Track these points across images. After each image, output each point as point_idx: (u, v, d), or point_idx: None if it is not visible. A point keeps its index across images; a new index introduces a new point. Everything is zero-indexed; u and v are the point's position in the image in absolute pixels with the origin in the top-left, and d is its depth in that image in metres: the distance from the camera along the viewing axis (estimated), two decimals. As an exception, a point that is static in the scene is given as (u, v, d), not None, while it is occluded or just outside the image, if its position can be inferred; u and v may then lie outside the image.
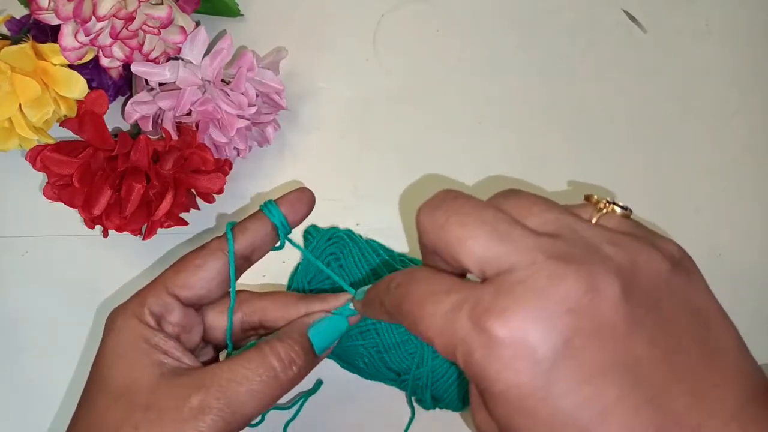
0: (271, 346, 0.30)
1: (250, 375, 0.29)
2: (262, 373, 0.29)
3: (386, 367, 0.39)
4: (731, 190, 0.47)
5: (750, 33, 0.50)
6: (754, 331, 0.46)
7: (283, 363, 0.29)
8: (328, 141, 0.47)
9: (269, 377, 0.29)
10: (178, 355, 0.30)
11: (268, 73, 0.40)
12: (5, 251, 0.44)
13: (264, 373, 0.29)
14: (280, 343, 0.30)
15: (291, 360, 0.30)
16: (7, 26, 0.40)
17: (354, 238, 0.42)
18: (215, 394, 0.28)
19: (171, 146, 0.39)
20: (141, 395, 0.28)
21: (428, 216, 0.24)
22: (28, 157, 0.38)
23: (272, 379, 0.29)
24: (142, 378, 0.28)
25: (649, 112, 0.48)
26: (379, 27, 0.49)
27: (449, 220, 0.22)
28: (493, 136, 0.47)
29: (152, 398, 0.28)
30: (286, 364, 0.29)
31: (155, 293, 0.31)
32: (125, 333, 0.30)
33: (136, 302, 0.31)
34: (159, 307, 0.31)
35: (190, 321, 0.32)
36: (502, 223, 0.21)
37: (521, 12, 0.50)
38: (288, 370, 0.29)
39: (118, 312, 0.31)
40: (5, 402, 0.42)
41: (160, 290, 0.31)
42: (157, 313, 0.31)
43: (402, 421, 0.40)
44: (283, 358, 0.30)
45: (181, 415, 0.27)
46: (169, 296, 0.31)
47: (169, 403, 0.28)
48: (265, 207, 0.33)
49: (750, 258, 0.46)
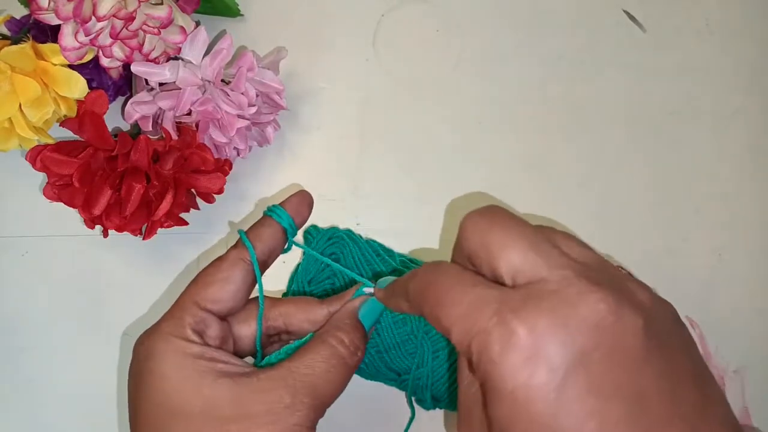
0: (335, 336, 0.31)
1: (325, 366, 0.30)
2: (335, 362, 0.30)
3: (386, 367, 0.39)
4: (731, 190, 0.47)
5: (750, 33, 0.50)
6: (755, 330, 0.46)
7: (349, 349, 0.31)
8: (328, 141, 0.47)
9: (340, 364, 0.30)
10: (234, 362, 0.30)
11: (268, 73, 0.40)
12: (5, 251, 0.44)
13: (336, 362, 0.30)
14: (342, 332, 0.31)
15: (356, 345, 0.31)
16: (7, 26, 0.40)
17: (354, 238, 0.42)
18: (303, 390, 0.28)
19: (171, 146, 0.39)
20: (224, 408, 0.28)
21: (474, 221, 0.25)
22: (28, 157, 0.38)
23: (343, 366, 0.30)
24: (216, 393, 0.28)
25: (649, 112, 0.48)
26: (379, 27, 0.49)
27: (494, 228, 0.24)
28: (493, 136, 0.47)
29: (239, 407, 0.28)
30: (352, 350, 0.31)
31: (191, 311, 0.31)
32: (173, 356, 0.29)
33: (172, 323, 0.30)
34: (199, 324, 0.31)
35: (226, 333, 0.32)
36: (542, 242, 0.23)
37: (521, 12, 0.50)
38: (354, 356, 0.31)
39: (154, 337, 0.30)
40: (5, 402, 0.42)
41: (194, 307, 0.31)
42: (199, 330, 0.31)
43: (402, 421, 0.40)
44: (348, 344, 0.31)
45: (278, 416, 0.28)
46: (204, 311, 0.31)
47: (260, 407, 0.28)
48: (273, 212, 0.34)
49: (750, 258, 0.46)
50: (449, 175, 0.46)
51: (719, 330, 0.45)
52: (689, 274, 0.46)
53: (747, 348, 0.45)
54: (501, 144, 0.47)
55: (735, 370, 0.44)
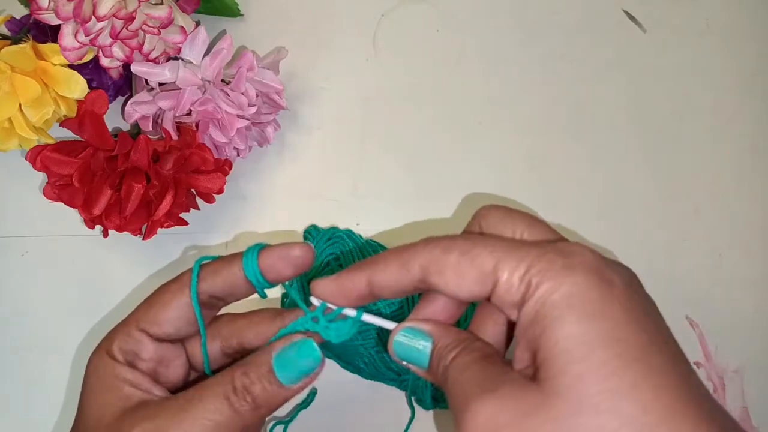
0: (227, 374, 0.28)
1: (201, 405, 0.27)
2: (215, 403, 0.27)
3: (386, 367, 0.39)
4: (731, 190, 0.47)
5: (750, 33, 0.50)
6: (755, 330, 0.46)
7: (236, 393, 0.27)
8: (328, 141, 0.47)
9: (223, 407, 0.27)
10: (147, 387, 0.29)
11: (268, 73, 0.40)
12: (5, 251, 0.44)
13: (216, 403, 0.27)
14: (238, 370, 0.28)
15: (245, 389, 0.27)
16: (7, 26, 0.40)
17: (354, 238, 0.42)
18: (160, 425, 0.26)
19: (171, 146, 0.39)
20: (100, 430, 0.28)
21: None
22: (28, 157, 0.38)
23: (227, 409, 0.27)
24: (106, 413, 0.28)
25: (649, 111, 0.48)
26: (379, 27, 0.49)
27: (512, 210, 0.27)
28: (493, 136, 0.47)
29: None
30: (240, 394, 0.27)
31: (125, 330, 0.30)
32: (99, 370, 0.29)
33: (107, 340, 0.30)
34: (128, 344, 0.30)
35: (167, 354, 0.31)
36: None
37: (521, 12, 0.50)
38: (242, 401, 0.27)
39: (94, 350, 0.30)
40: (5, 402, 0.42)
41: (131, 327, 0.30)
42: (128, 350, 0.30)
43: (402, 421, 0.40)
44: (237, 387, 0.27)
45: None
46: (139, 332, 0.30)
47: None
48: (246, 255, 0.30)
49: (750, 258, 0.46)
50: (449, 175, 0.46)
51: (719, 330, 0.45)
52: (689, 274, 0.46)
53: (747, 348, 0.45)
54: (501, 144, 0.47)
55: (735, 370, 0.44)
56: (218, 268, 0.30)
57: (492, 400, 0.22)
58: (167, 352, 0.31)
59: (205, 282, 0.30)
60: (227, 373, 0.28)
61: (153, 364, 0.30)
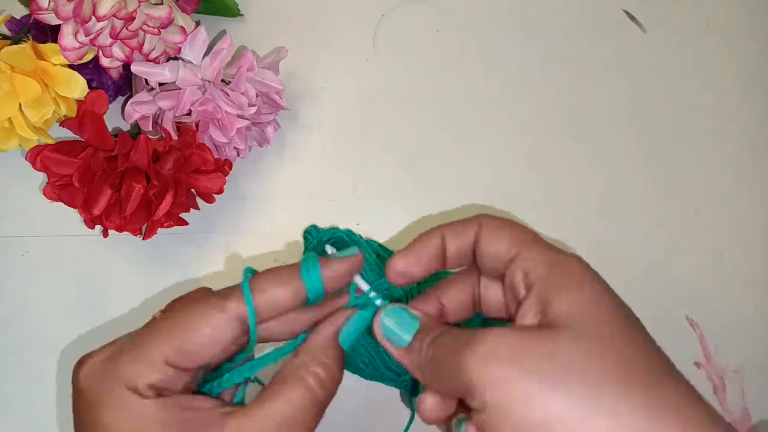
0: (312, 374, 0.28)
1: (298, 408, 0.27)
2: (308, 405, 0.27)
3: (386, 367, 0.39)
4: (731, 190, 0.47)
5: (750, 33, 0.50)
6: (755, 330, 0.46)
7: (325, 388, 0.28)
8: (328, 141, 0.47)
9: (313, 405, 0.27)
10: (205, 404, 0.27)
11: (268, 73, 0.40)
12: (5, 251, 0.44)
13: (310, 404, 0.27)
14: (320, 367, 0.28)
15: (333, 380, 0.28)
16: (7, 26, 0.40)
17: (354, 238, 0.42)
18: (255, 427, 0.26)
19: (171, 146, 0.39)
20: None
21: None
22: (28, 157, 0.38)
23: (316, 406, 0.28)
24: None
25: (649, 112, 0.48)
26: (379, 27, 0.49)
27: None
28: (493, 136, 0.47)
29: None
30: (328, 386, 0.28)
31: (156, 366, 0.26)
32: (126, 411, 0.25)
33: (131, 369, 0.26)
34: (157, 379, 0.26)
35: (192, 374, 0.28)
36: None
37: (521, 12, 0.50)
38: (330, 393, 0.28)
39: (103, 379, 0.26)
40: (5, 402, 0.42)
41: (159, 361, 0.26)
42: (157, 385, 0.26)
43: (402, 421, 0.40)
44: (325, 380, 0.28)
45: None
46: (171, 368, 0.26)
47: None
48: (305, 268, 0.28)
49: (750, 258, 0.46)
50: (449, 175, 0.46)
51: (719, 330, 0.45)
52: (689, 274, 0.46)
53: (747, 348, 0.45)
54: (501, 144, 0.47)
55: (735, 370, 0.44)
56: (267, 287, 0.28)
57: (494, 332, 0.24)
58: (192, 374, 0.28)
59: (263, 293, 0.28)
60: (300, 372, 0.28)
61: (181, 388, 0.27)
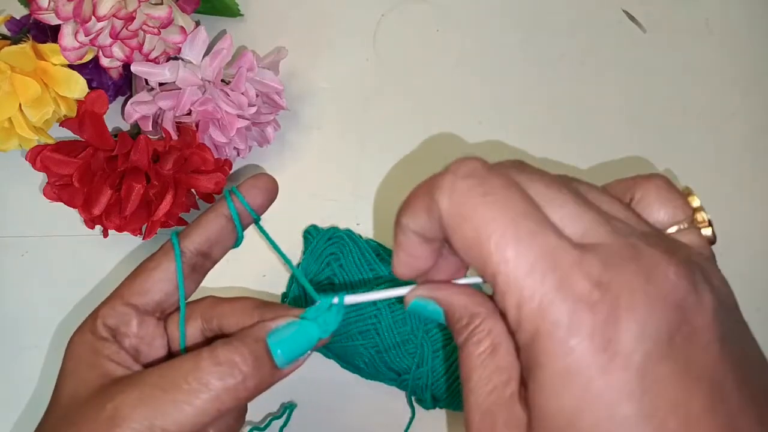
0: (212, 349, 0.25)
1: (178, 380, 0.24)
2: (193, 380, 0.24)
3: (386, 367, 0.39)
4: (731, 190, 0.47)
5: (750, 33, 0.50)
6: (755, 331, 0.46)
7: (222, 369, 0.24)
8: (328, 141, 0.47)
9: (201, 385, 0.24)
10: (129, 363, 0.27)
11: (268, 73, 0.40)
12: (5, 251, 0.44)
13: (195, 380, 0.24)
14: (223, 346, 0.25)
15: (233, 365, 0.24)
16: (7, 26, 0.40)
17: (354, 238, 0.42)
18: (132, 402, 0.24)
19: (171, 146, 0.39)
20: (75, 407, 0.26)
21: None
22: (28, 157, 0.38)
23: (204, 388, 0.24)
24: (84, 390, 0.26)
25: (649, 112, 0.48)
26: (379, 27, 0.49)
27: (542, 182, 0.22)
28: (493, 136, 0.47)
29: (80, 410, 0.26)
30: (226, 370, 0.24)
31: (110, 305, 0.29)
32: (78, 348, 0.28)
33: (91, 318, 0.29)
34: (113, 319, 0.28)
35: (150, 332, 0.29)
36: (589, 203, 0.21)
37: (521, 12, 0.50)
38: (228, 378, 0.24)
39: (76, 331, 0.29)
40: (5, 402, 0.42)
41: (116, 301, 0.29)
42: (112, 326, 0.28)
43: (402, 421, 0.40)
44: (222, 362, 0.24)
45: (96, 426, 0.24)
46: (125, 306, 0.29)
47: (89, 413, 0.25)
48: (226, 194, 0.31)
49: (750, 258, 0.46)
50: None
51: (719, 330, 0.45)
52: (689, 274, 0.46)
53: (747, 348, 0.45)
54: (501, 144, 0.47)
55: (735, 370, 0.44)
56: (200, 220, 0.30)
57: None
58: (150, 329, 0.29)
59: (189, 238, 0.30)
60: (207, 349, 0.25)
61: (136, 341, 0.29)
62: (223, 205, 0.30)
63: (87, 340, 0.28)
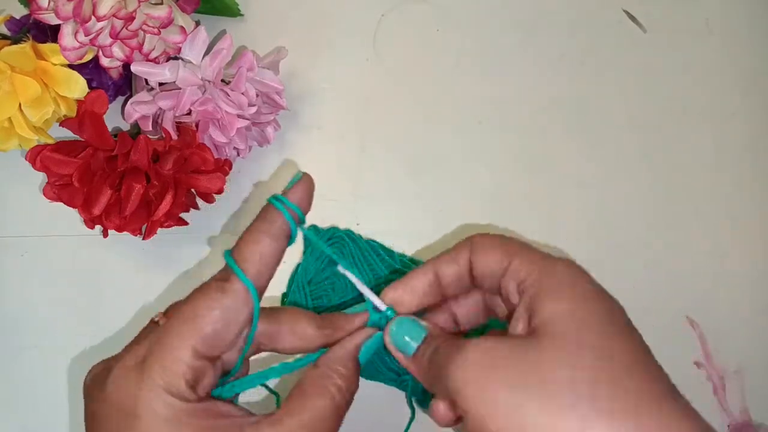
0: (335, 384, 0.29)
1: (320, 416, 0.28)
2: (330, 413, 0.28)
3: (386, 367, 0.39)
4: (731, 190, 0.47)
5: (750, 33, 0.50)
6: (754, 331, 0.46)
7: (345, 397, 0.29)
8: (328, 141, 0.47)
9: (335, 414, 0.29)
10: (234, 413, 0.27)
11: (268, 73, 0.40)
12: (5, 251, 0.44)
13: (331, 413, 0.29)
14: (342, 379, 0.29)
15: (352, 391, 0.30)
16: (7, 26, 0.40)
17: (354, 238, 0.42)
18: None
19: (171, 146, 0.39)
20: None
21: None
22: (28, 157, 0.38)
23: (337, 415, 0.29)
24: None
25: (649, 112, 0.48)
26: (379, 27, 0.49)
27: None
28: (493, 136, 0.47)
29: None
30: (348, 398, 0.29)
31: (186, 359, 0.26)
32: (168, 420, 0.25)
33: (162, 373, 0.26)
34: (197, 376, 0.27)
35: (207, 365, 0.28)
36: None
37: (521, 12, 0.50)
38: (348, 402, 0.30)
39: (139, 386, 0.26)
40: (5, 402, 0.42)
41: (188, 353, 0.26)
42: (194, 382, 0.27)
43: (402, 421, 0.40)
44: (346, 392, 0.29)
45: None
46: (202, 360, 0.27)
47: None
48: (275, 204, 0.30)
49: (750, 258, 0.46)
50: (449, 175, 0.46)
51: (719, 330, 0.45)
52: (689, 274, 0.46)
53: (747, 348, 0.45)
54: (501, 144, 0.47)
55: (735, 370, 0.44)
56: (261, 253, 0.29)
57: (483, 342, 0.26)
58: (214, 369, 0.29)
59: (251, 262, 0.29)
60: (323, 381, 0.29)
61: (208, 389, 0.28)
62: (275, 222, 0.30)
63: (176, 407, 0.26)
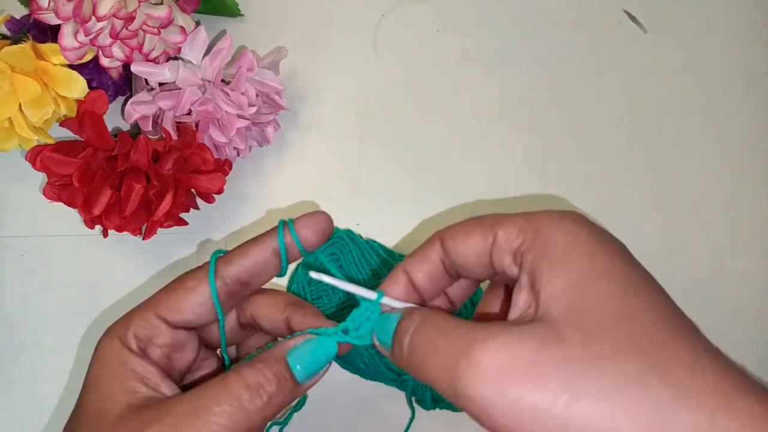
0: (237, 372, 0.27)
1: (209, 405, 0.26)
2: (224, 403, 0.26)
3: (386, 367, 0.39)
4: (731, 190, 0.47)
5: (750, 33, 0.50)
6: (755, 331, 0.46)
7: (249, 391, 0.26)
8: (328, 141, 0.47)
9: (233, 408, 0.26)
10: (155, 382, 0.28)
11: (268, 73, 0.40)
12: (5, 251, 0.44)
13: (226, 403, 0.26)
14: (248, 369, 0.27)
15: (259, 386, 0.27)
16: (7, 26, 0.40)
17: (354, 238, 0.42)
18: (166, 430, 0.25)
19: (171, 146, 0.39)
20: (104, 426, 0.27)
21: None
22: (28, 157, 0.38)
23: (237, 410, 0.26)
24: (112, 407, 0.27)
25: (649, 111, 0.48)
26: (379, 27, 0.49)
27: None
28: (493, 136, 0.47)
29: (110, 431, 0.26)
30: (254, 392, 0.26)
31: (143, 316, 0.29)
32: (107, 356, 0.28)
33: (122, 324, 0.29)
34: (145, 331, 0.29)
35: (181, 340, 0.30)
36: None
37: (521, 12, 0.50)
38: (256, 399, 0.26)
39: (105, 333, 0.29)
40: (5, 401, 0.42)
41: (149, 313, 0.29)
42: (143, 337, 0.29)
43: (402, 421, 0.40)
44: (250, 384, 0.26)
45: None
46: (157, 319, 0.29)
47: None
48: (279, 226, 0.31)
49: (750, 258, 0.46)
50: (449, 174, 0.46)
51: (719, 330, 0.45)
52: (689, 274, 0.46)
53: (747, 348, 0.45)
54: (501, 144, 0.47)
55: (735, 370, 0.44)
56: (246, 249, 0.30)
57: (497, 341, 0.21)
58: (181, 338, 0.30)
59: (232, 266, 0.30)
60: (233, 373, 0.27)
61: (167, 350, 0.30)
62: (273, 237, 0.30)
63: (115, 347, 0.28)
